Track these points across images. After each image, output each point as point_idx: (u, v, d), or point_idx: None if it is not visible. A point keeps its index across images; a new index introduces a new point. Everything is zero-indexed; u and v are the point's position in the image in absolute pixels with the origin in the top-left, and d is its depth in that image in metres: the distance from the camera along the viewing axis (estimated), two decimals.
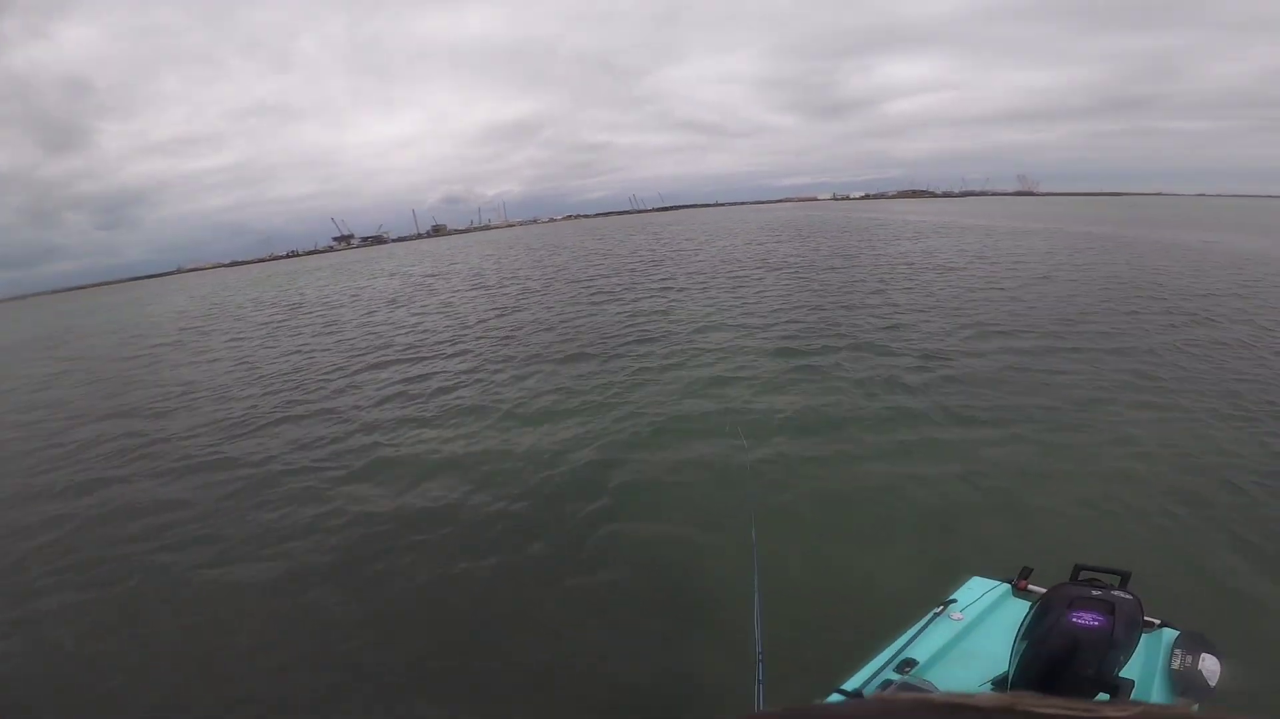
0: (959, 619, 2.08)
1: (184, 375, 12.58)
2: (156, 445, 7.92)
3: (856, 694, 1.72)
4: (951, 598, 2.21)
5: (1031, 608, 1.70)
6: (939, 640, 2.00)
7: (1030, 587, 2.19)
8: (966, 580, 2.33)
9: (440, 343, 12.27)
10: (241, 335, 17.56)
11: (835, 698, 1.67)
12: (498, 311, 15.62)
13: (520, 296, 18.04)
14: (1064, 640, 1.51)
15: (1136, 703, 0.24)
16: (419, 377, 9.76)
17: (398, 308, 18.96)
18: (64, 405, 11.11)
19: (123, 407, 10.39)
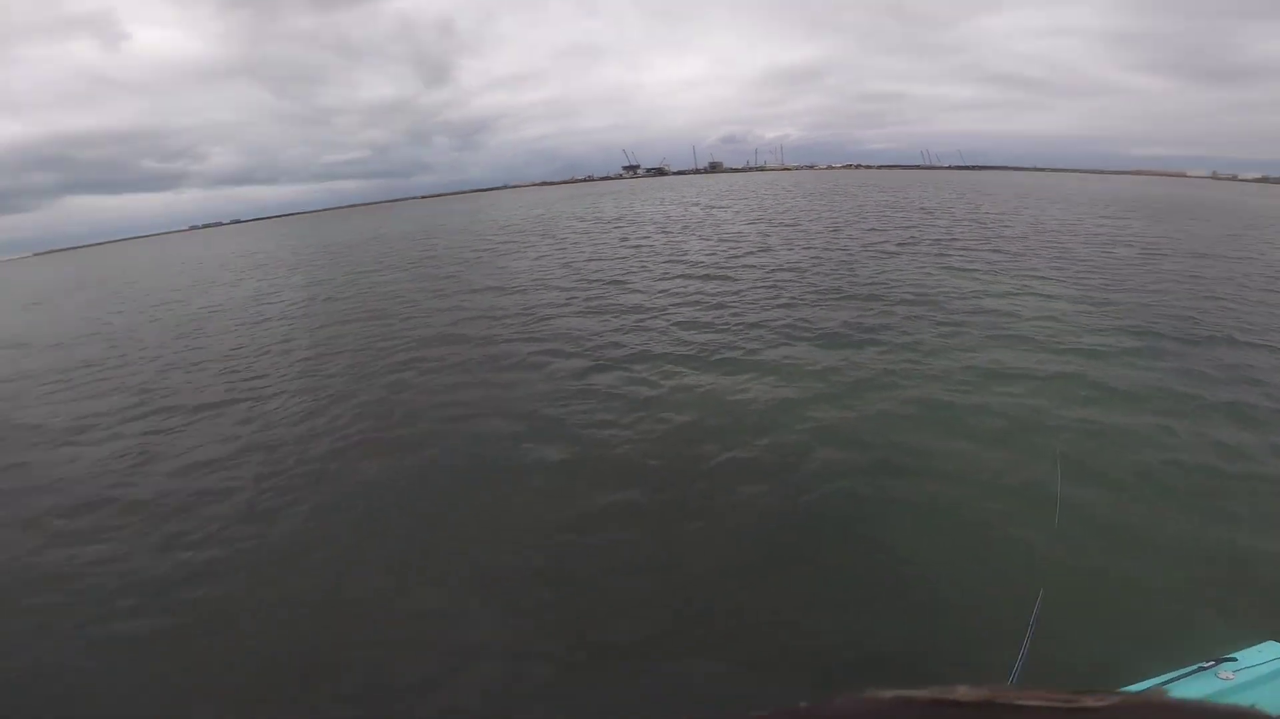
0: (1228, 679, 1.81)
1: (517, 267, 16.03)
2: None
3: None
4: (1231, 656, 1.89)
5: None
6: (1196, 695, 1.73)
7: None
8: (1260, 643, 1.99)
9: (713, 271, 13.41)
10: (577, 241, 21.22)
11: None
12: (772, 251, 16.15)
13: (802, 240, 18.24)
14: None
15: (1116, 692, 0.23)
16: (698, 300, 10.99)
17: (688, 232, 20.79)
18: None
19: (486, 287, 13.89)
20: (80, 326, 15.97)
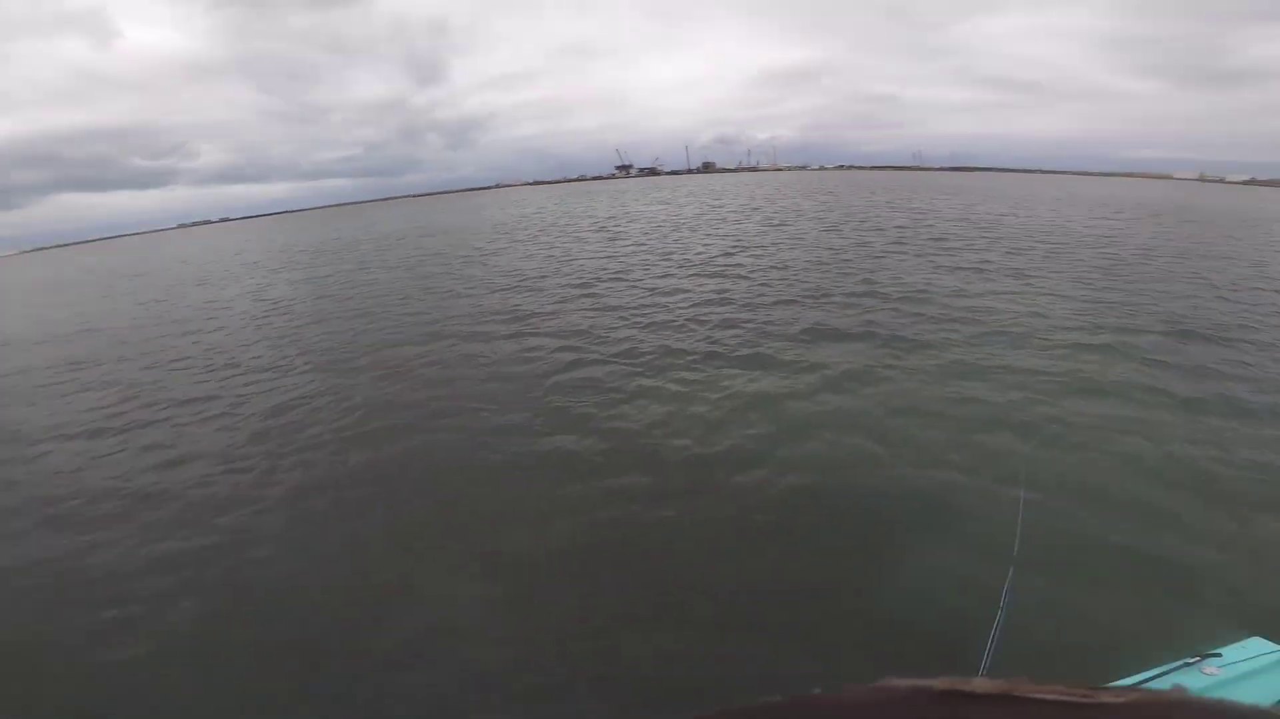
0: (1213, 674, 1.86)
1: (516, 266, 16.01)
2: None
3: None
4: (1216, 652, 1.95)
5: None
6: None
7: None
8: (1244, 639, 2.06)
9: (707, 269, 13.46)
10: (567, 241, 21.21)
11: None
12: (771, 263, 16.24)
13: (793, 241, 18.33)
14: None
15: (1134, 688, 0.23)
16: (705, 298, 11.04)
17: (685, 230, 20.83)
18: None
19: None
20: (60, 328, 15.81)
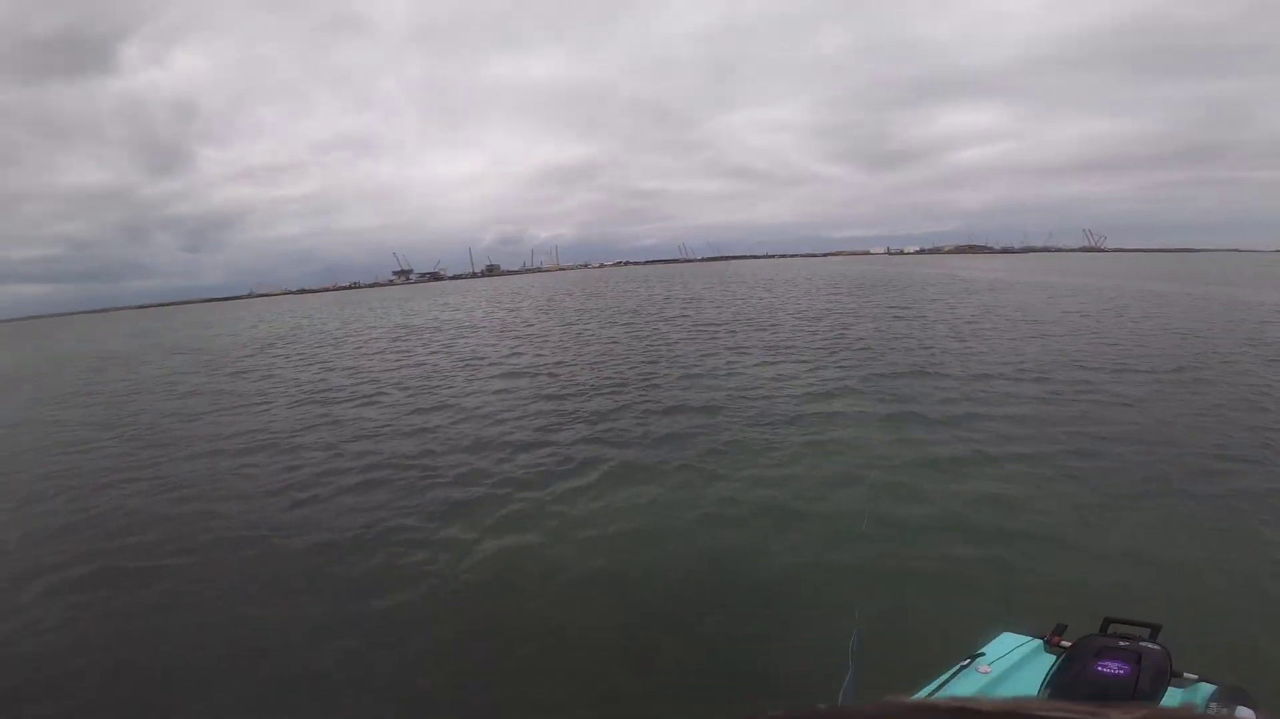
0: (986, 672, 2.07)
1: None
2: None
3: None
4: (980, 652, 2.19)
5: (1058, 659, 1.76)
6: (964, 692, 1.95)
7: (1063, 642, 2.15)
8: (998, 635, 2.32)
9: (510, 370, 13.16)
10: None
11: None
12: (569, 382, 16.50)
13: (587, 349, 18.93)
14: (1088, 689, 1.53)
15: (1142, 705, 0.24)
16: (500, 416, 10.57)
17: (488, 334, 20.21)
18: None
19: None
20: None
